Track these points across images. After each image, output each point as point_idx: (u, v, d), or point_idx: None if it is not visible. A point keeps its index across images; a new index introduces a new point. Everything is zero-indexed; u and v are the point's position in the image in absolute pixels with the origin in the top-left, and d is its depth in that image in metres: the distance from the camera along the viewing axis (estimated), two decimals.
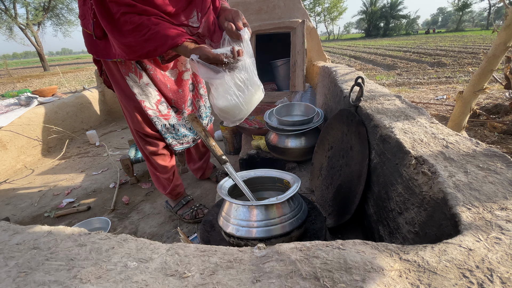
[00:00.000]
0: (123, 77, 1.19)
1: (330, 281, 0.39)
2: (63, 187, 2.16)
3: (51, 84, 9.57)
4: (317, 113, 1.60)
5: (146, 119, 1.31)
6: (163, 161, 1.45)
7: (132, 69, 1.18)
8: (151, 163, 1.48)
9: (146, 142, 1.37)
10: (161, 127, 1.34)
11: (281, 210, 0.81)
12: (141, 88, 1.23)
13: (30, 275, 0.46)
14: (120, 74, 1.19)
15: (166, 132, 1.37)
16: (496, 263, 0.39)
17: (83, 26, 1.13)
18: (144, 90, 1.24)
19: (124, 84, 1.21)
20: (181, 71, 1.38)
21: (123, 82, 1.20)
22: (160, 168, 1.46)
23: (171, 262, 0.47)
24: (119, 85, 1.23)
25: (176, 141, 1.43)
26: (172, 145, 1.42)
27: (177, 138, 1.43)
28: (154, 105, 1.29)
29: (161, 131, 1.35)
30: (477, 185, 0.58)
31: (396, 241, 0.77)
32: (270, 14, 2.55)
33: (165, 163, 1.46)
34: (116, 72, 1.20)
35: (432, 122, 0.93)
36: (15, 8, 17.83)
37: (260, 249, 0.48)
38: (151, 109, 1.28)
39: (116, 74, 1.21)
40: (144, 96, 1.25)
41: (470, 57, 8.51)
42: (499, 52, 1.80)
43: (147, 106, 1.26)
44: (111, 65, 1.20)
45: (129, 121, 1.34)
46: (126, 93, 1.23)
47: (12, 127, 2.62)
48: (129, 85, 1.20)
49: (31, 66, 28.94)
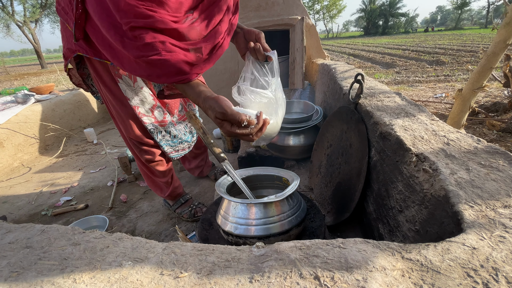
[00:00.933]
0: (114, 80, 1.07)
1: (330, 280, 0.38)
2: (60, 185, 2.15)
3: (48, 81, 9.51)
4: (316, 110, 1.59)
5: (140, 127, 1.22)
6: (161, 166, 1.39)
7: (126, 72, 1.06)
8: (147, 169, 1.40)
9: (142, 150, 1.29)
10: (157, 136, 1.27)
11: (280, 208, 0.80)
12: (135, 92, 1.13)
13: (22, 275, 0.45)
14: (111, 77, 1.07)
15: (162, 140, 1.30)
16: (501, 262, 0.38)
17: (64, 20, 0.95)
18: (139, 94, 1.14)
19: (115, 88, 1.09)
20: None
21: (114, 86, 1.09)
22: (158, 173, 1.41)
23: (167, 261, 0.46)
24: (109, 88, 1.10)
25: (172, 149, 1.37)
26: (168, 153, 1.35)
27: (173, 145, 1.36)
28: (149, 111, 1.20)
29: (156, 139, 1.27)
30: (480, 183, 0.57)
31: (396, 239, 0.76)
32: (269, 11, 2.53)
33: (163, 168, 1.40)
34: (105, 74, 1.07)
35: (433, 119, 0.92)
36: (12, 5, 17.68)
37: (259, 248, 0.47)
38: (146, 115, 1.19)
39: (104, 76, 1.07)
40: (139, 101, 1.15)
41: (468, 55, 8.50)
42: (499, 50, 1.79)
43: (141, 113, 1.17)
44: (98, 66, 1.05)
45: (122, 128, 1.24)
46: (118, 98, 1.12)
47: (9, 125, 2.60)
48: (121, 89, 1.09)
49: (29, 64, 28.77)
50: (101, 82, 1.10)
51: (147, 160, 1.33)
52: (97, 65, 1.05)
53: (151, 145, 1.29)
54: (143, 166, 1.40)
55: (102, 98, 1.23)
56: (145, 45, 0.70)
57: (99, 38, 0.81)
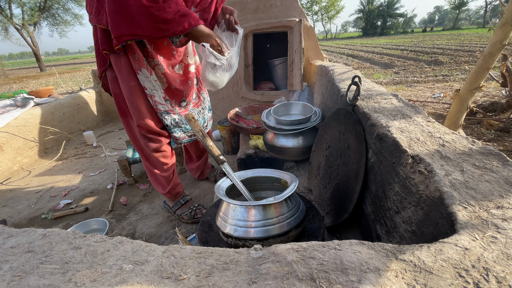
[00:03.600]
0: (134, 72, 1.22)
1: (326, 282, 0.39)
2: (60, 188, 2.15)
3: (47, 84, 9.51)
4: (314, 112, 1.60)
5: (153, 115, 1.33)
6: (165, 158, 1.46)
7: (144, 65, 1.22)
8: (150, 162, 1.47)
9: (149, 139, 1.38)
10: (171, 122, 1.37)
11: (279, 210, 0.81)
12: (151, 83, 1.27)
13: (24, 278, 0.45)
14: (132, 69, 1.22)
15: (175, 126, 1.40)
16: (492, 262, 0.39)
17: (96, 23, 1.14)
18: (154, 85, 1.28)
19: (135, 80, 1.24)
20: (187, 64, 1.41)
21: (134, 77, 1.23)
22: (161, 165, 1.46)
23: (167, 264, 0.46)
24: (128, 80, 1.24)
25: (185, 134, 1.46)
26: (181, 138, 1.45)
27: (185, 130, 1.46)
28: (163, 100, 1.33)
29: (169, 126, 1.38)
30: (473, 184, 0.58)
31: (394, 240, 0.77)
32: (267, 13, 2.54)
33: (166, 160, 1.47)
34: (127, 67, 1.21)
35: (429, 120, 0.93)
36: (11, 8, 17.69)
37: (257, 250, 0.48)
38: (161, 103, 1.32)
39: (124, 70, 1.22)
40: (154, 91, 1.28)
41: (466, 55, 8.54)
42: (495, 50, 1.80)
43: (157, 101, 1.30)
44: (122, 61, 1.20)
45: (134, 117, 1.34)
46: (137, 88, 1.26)
47: (8, 128, 2.60)
48: (140, 80, 1.24)
49: (27, 67, 28.75)
50: (120, 76, 1.25)
51: (153, 149, 1.41)
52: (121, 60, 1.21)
53: (159, 133, 1.39)
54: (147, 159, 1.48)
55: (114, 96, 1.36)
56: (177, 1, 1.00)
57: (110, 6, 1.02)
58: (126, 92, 1.28)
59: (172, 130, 1.40)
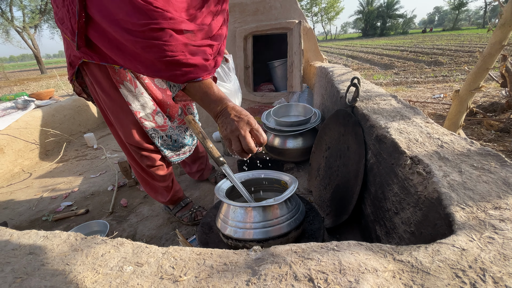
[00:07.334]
0: (115, 86, 1.07)
1: (324, 282, 0.39)
2: (61, 190, 2.16)
3: (48, 87, 9.54)
4: (314, 113, 1.60)
5: (141, 132, 1.22)
6: (161, 171, 1.38)
7: (127, 78, 1.07)
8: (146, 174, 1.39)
9: (142, 156, 1.29)
10: (158, 140, 1.26)
11: (279, 211, 0.81)
12: (137, 97, 1.13)
13: (26, 280, 0.46)
14: (111, 83, 1.07)
15: (163, 145, 1.29)
16: (489, 263, 0.40)
17: (61, 30, 0.95)
18: (140, 99, 1.14)
19: (115, 94, 1.10)
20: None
21: (115, 92, 1.09)
22: (159, 178, 1.40)
23: (167, 265, 0.47)
24: (108, 94, 1.11)
25: (173, 153, 1.37)
26: (169, 157, 1.35)
27: (174, 149, 1.36)
28: (150, 116, 1.19)
29: (157, 144, 1.27)
30: (471, 185, 0.58)
31: (393, 241, 0.77)
32: (266, 15, 2.56)
33: (163, 172, 1.39)
34: (105, 80, 1.07)
35: (428, 121, 0.93)
36: (12, 11, 17.79)
37: (256, 251, 0.48)
38: (147, 120, 1.19)
39: (103, 83, 1.08)
40: (140, 106, 1.15)
41: (466, 55, 8.54)
42: (495, 51, 1.81)
43: (142, 118, 1.17)
44: (97, 73, 1.05)
45: (121, 134, 1.23)
46: (118, 104, 1.12)
47: (9, 131, 2.61)
48: (123, 95, 1.10)
49: (28, 69, 28.85)
50: (99, 89, 1.10)
51: (147, 165, 1.32)
52: (96, 72, 1.05)
53: (151, 150, 1.29)
54: (142, 172, 1.38)
55: (98, 105, 1.22)
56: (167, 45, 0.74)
57: (105, 42, 0.81)
58: (109, 107, 1.15)
59: (160, 149, 1.29)
